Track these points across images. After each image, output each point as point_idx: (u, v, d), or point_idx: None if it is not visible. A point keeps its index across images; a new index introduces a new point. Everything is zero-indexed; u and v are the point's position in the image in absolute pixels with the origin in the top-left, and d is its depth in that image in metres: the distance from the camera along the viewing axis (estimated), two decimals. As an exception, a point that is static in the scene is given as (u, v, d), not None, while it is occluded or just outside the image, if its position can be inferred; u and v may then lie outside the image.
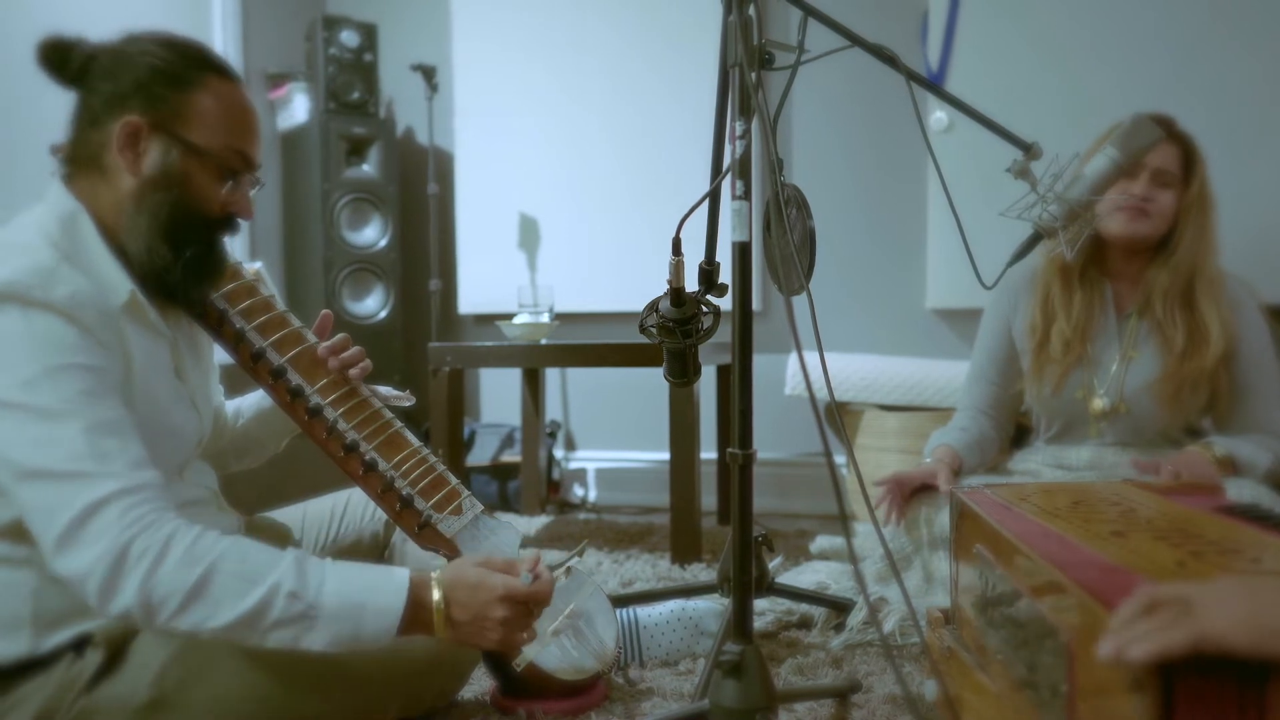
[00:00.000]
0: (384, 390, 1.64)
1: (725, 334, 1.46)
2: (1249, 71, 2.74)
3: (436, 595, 1.25)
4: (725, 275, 1.47)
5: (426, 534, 1.51)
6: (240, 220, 1.41)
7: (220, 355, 1.56)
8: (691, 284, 1.57)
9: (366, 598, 1.21)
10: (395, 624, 1.21)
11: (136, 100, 1.28)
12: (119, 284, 1.28)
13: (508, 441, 3.49)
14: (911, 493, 1.95)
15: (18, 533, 1.20)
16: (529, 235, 3.58)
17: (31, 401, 1.14)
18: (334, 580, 1.20)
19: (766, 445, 1.36)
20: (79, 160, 1.31)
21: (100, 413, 1.17)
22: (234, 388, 1.69)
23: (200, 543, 1.16)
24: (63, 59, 1.30)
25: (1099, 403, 2.03)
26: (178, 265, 1.32)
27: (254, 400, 1.66)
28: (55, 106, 1.35)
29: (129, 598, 1.12)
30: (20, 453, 1.14)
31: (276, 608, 1.16)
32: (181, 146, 1.30)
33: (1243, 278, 2.08)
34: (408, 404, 1.68)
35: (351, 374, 1.55)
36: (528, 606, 1.29)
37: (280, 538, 1.66)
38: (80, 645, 1.26)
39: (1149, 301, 2.03)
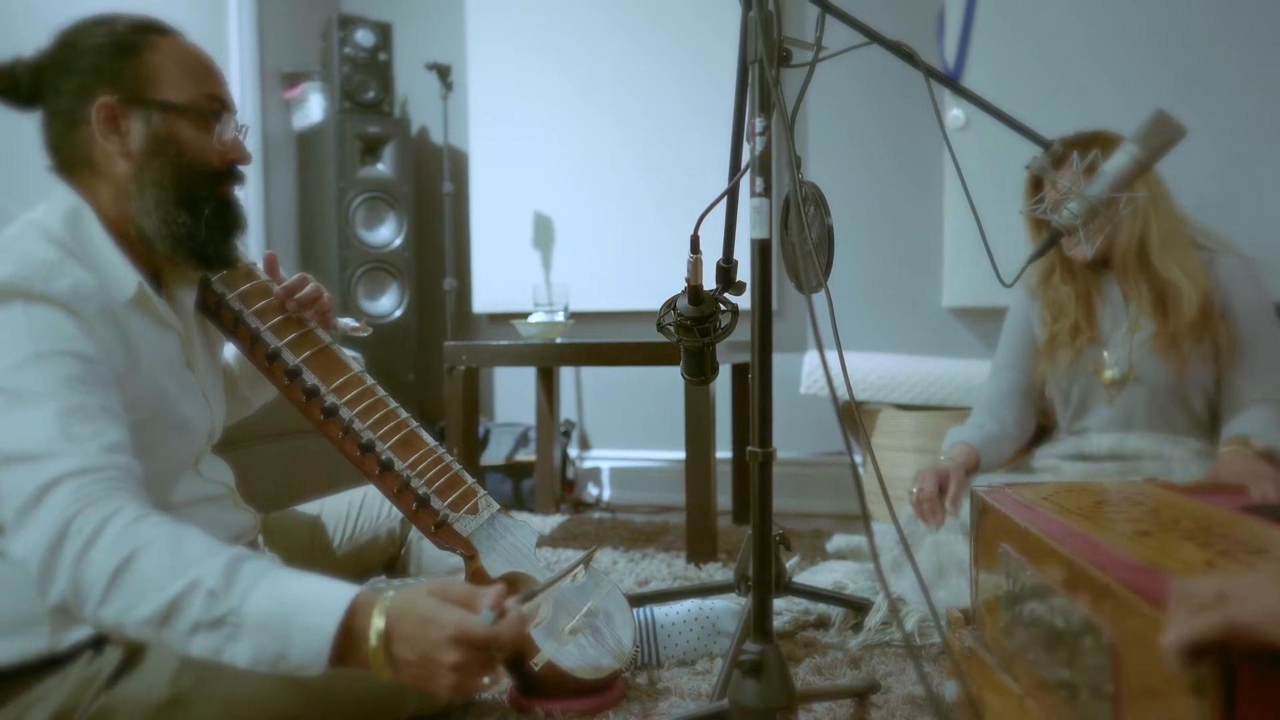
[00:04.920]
0: (343, 322, 1.63)
1: (740, 333, 1.46)
2: (1268, 64, 2.72)
3: (379, 623, 1.03)
4: (742, 273, 1.46)
5: (443, 533, 1.50)
6: (242, 167, 1.39)
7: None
8: (709, 282, 1.57)
9: (296, 611, 1.03)
10: (325, 648, 1.02)
11: (101, 83, 1.29)
12: (125, 277, 1.28)
13: (522, 440, 3.49)
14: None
15: None
16: (544, 234, 3.58)
17: (14, 385, 1.13)
18: (267, 587, 1.04)
19: (781, 444, 1.35)
20: (70, 164, 1.32)
21: (81, 399, 1.14)
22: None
23: (139, 525, 1.06)
24: (11, 84, 1.31)
25: (1110, 373, 2.07)
26: (201, 225, 1.33)
27: None
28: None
29: (63, 580, 1.04)
30: (2, 439, 1.11)
31: (194, 606, 1.02)
32: (159, 109, 1.30)
33: (1249, 259, 2.09)
34: (365, 334, 1.67)
35: (307, 314, 1.54)
36: (486, 651, 1.03)
37: (300, 533, 1.66)
38: (99, 643, 1.26)
39: None
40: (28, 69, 1.31)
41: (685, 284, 1.51)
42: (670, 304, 1.57)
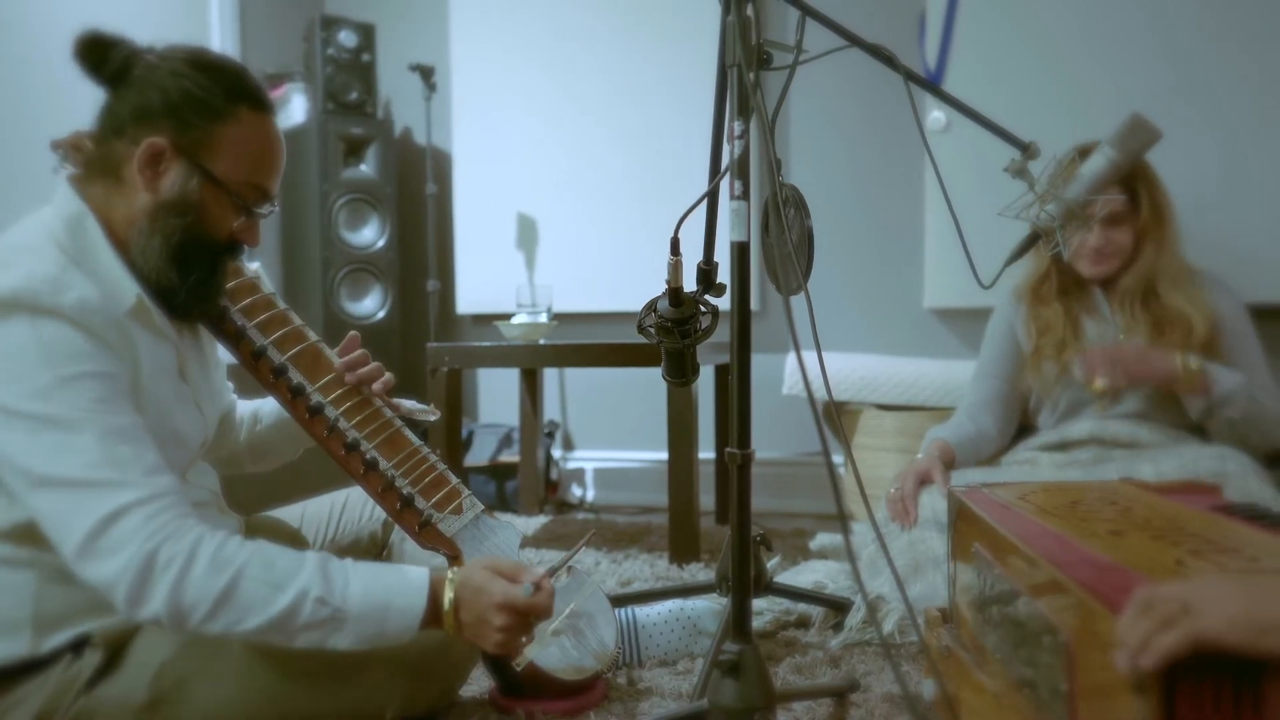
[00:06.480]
0: (408, 404, 1.64)
1: (723, 334, 1.46)
2: (1246, 70, 2.74)
3: (450, 595, 1.28)
4: (723, 275, 1.47)
5: (427, 533, 1.51)
6: (246, 247, 1.40)
7: (227, 355, 1.55)
8: (689, 284, 1.57)
9: (391, 598, 1.24)
10: (417, 622, 1.25)
11: (166, 122, 1.27)
12: (126, 288, 1.27)
13: (506, 441, 3.49)
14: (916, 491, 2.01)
15: (21, 535, 1.20)
16: (527, 235, 3.58)
17: (46, 411, 1.14)
18: (358, 583, 1.23)
19: (764, 445, 1.36)
20: (97, 165, 1.31)
21: (114, 419, 1.18)
22: (244, 389, 1.68)
23: (225, 549, 1.18)
24: (102, 58, 1.28)
25: (1100, 382, 2.10)
26: (182, 288, 1.33)
27: (274, 406, 1.65)
28: (53, 105, 1.34)
29: (158, 604, 1.14)
30: (35, 460, 1.14)
31: (305, 612, 1.19)
32: (202, 175, 1.29)
33: (1219, 278, 2.17)
34: (433, 419, 1.70)
35: (375, 388, 1.56)
36: (526, 617, 1.30)
37: (282, 537, 1.65)
38: (79, 646, 1.26)
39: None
40: (122, 58, 1.28)
41: (666, 285, 1.52)
42: (651, 306, 1.57)
